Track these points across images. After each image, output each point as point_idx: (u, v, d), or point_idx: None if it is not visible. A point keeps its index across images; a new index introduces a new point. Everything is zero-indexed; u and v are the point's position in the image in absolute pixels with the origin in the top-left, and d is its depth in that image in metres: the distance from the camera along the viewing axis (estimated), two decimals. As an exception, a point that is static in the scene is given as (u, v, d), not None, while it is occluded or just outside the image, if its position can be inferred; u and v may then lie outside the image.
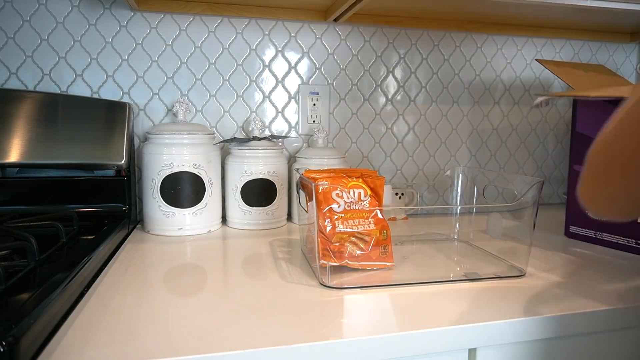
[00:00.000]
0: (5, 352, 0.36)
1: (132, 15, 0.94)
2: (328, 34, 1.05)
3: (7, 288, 0.50)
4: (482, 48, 1.15)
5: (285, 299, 0.55)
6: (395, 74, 1.10)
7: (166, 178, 0.85)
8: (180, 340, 0.45)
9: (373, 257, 0.65)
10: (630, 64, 1.27)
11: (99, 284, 0.60)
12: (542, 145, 1.23)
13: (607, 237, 0.80)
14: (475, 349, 0.52)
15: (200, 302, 0.54)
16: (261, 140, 0.93)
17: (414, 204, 1.06)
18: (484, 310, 0.53)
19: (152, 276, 0.63)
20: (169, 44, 0.97)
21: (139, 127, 0.97)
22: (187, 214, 0.86)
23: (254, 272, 0.65)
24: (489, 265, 0.70)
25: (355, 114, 1.09)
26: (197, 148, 0.87)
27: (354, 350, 0.46)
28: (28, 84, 0.92)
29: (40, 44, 0.91)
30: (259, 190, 0.91)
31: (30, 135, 0.82)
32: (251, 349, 0.43)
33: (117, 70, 0.95)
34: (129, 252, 0.75)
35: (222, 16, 0.99)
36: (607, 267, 0.70)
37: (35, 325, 0.41)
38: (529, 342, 0.54)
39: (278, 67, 1.03)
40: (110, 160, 0.85)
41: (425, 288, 0.60)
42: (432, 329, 0.48)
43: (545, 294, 0.58)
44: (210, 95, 1.00)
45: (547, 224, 1.00)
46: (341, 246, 0.63)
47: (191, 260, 0.72)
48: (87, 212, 0.86)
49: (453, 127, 1.15)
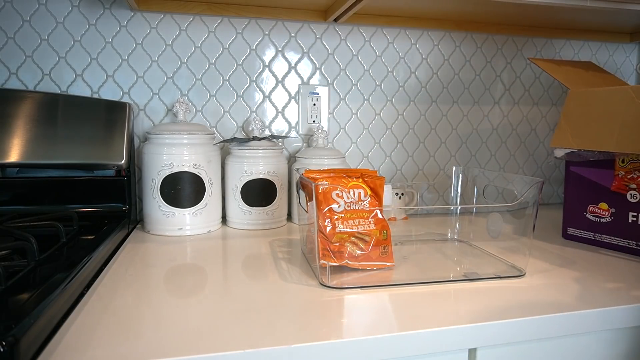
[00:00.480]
0: (5, 352, 0.36)
1: (132, 15, 0.94)
2: (328, 34, 1.05)
3: (7, 288, 0.50)
4: (482, 48, 1.15)
5: (285, 299, 0.55)
6: (395, 74, 1.10)
7: (166, 178, 0.85)
8: (180, 340, 0.45)
9: (373, 257, 0.65)
10: (630, 64, 1.27)
11: (99, 284, 0.60)
12: (542, 145, 1.23)
13: (606, 239, 0.80)
14: (475, 349, 0.52)
15: (200, 302, 0.54)
16: (261, 140, 0.93)
17: (414, 204, 1.06)
18: (484, 310, 0.53)
19: (152, 276, 0.63)
20: (169, 44, 0.97)
21: (139, 127, 0.97)
22: (187, 214, 0.86)
23: (254, 272, 0.65)
24: (489, 266, 0.70)
25: (355, 114, 1.09)
26: (197, 148, 0.87)
27: (354, 350, 0.46)
28: (28, 84, 0.92)
29: (40, 44, 0.91)
30: (259, 190, 0.91)
31: (30, 135, 0.82)
32: (251, 349, 0.43)
33: (117, 70, 0.95)
34: (129, 252, 0.75)
35: (222, 16, 0.99)
36: (607, 267, 0.70)
37: (35, 325, 0.41)
38: (529, 342, 0.54)
39: (278, 67, 1.03)
40: (110, 160, 0.85)
41: (425, 288, 0.60)
42: (432, 329, 0.48)
43: (545, 294, 0.58)
44: (210, 95, 1.00)
45: (547, 224, 1.00)
46: (341, 246, 0.63)
47: (191, 260, 0.72)
48: (87, 212, 0.86)
49: (453, 127, 1.15)
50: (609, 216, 0.80)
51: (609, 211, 0.80)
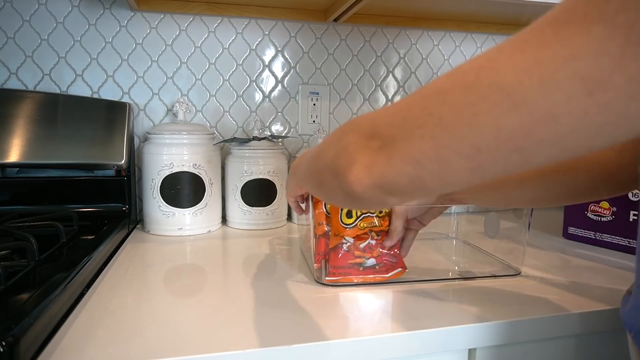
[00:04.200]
0: (5, 352, 0.36)
1: (132, 15, 0.94)
2: (328, 34, 1.05)
3: (7, 288, 0.50)
4: (482, 48, 1.14)
5: (285, 299, 0.55)
6: (395, 74, 1.10)
7: (166, 178, 0.85)
8: (180, 340, 0.45)
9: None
10: (630, 63, 1.27)
11: (99, 284, 0.60)
12: (542, 145, 1.23)
13: (607, 238, 0.80)
14: (475, 349, 0.52)
15: (200, 302, 0.54)
16: (261, 140, 0.93)
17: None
18: (480, 309, 0.53)
19: (152, 276, 0.63)
20: (169, 44, 0.97)
21: (139, 127, 0.97)
22: (187, 214, 0.86)
23: (254, 272, 0.65)
24: (485, 265, 0.70)
25: (355, 114, 1.09)
26: (197, 148, 0.87)
27: (354, 350, 0.46)
28: (28, 84, 0.92)
29: (40, 44, 0.91)
30: (259, 190, 0.91)
31: (30, 135, 0.82)
32: (251, 349, 0.43)
33: (117, 70, 0.95)
34: (129, 252, 0.75)
35: (222, 16, 0.99)
36: (605, 267, 0.70)
37: (35, 325, 0.41)
38: (529, 342, 0.54)
39: (278, 67, 1.03)
40: (110, 160, 0.85)
41: (422, 286, 0.60)
42: (432, 329, 0.48)
43: (539, 294, 0.58)
44: (210, 95, 1.00)
45: (548, 224, 1.00)
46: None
47: (191, 260, 0.72)
48: (87, 212, 0.86)
49: (453, 127, 1.15)
50: (610, 215, 0.80)
51: (610, 210, 0.80)
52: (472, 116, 0.25)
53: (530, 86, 0.23)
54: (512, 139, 0.24)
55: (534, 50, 0.23)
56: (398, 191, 0.29)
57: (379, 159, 0.29)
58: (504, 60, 0.24)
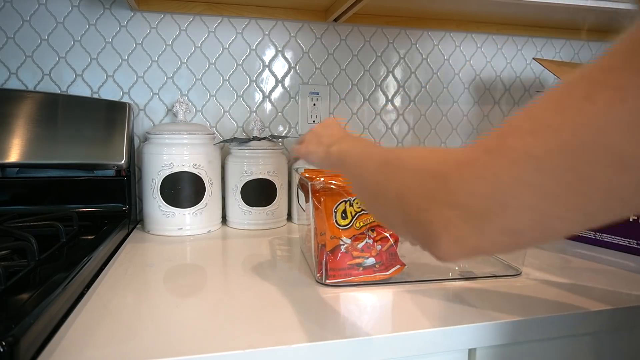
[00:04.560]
0: (5, 352, 0.36)
1: (132, 15, 0.94)
2: (328, 34, 1.05)
3: (7, 288, 0.50)
4: (482, 48, 1.14)
5: (285, 299, 0.55)
6: (395, 74, 1.10)
7: (166, 178, 0.85)
8: (180, 340, 0.45)
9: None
10: (630, 64, 1.27)
11: (99, 284, 0.60)
12: (542, 145, 1.23)
13: (607, 238, 0.80)
14: (475, 349, 0.52)
15: (200, 302, 0.54)
16: (261, 140, 0.93)
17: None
18: (480, 309, 0.53)
19: (152, 276, 0.63)
20: (169, 44, 0.97)
21: (139, 127, 0.97)
22: (187, 214, 0.86)
23: (254, 272, 0.65)
24: (486, 265, 0.70)
25: (355, 114, 1.09)
26: (197, 148, 0.87)
27: (354, 350, 0.46)
28: (28, 84, 0.92)
29: (40, 44, 0.91)
30: (259, 190, 0.91)
31: (30, 135, 0.82)
32: (251, 349, 0.43)
33: (117, 70, 0.95)
34: (129, 252, 0.75)
35: (222, 16, 0.99)
36: (605, 267, 0.70)
37: (35, 325, 0.41)
38: (529, 342, 0.54)
39: (278, 67, 1.03)
40: (110, 160, 0.85)
41: (423, 286, 0.60)
42: (432, 329, 0.48)
43: (539, 294, 0.58)
44: (210, 95, 1.00)
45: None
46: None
47: (191, 260, 0.72)
48: (87, 212, 0.86)
49: (453, 127, 1.15)
50: (609, 216, 0.80)
51: (609, 211, 0.80)
52: (578, 182, 0.23)
53: (638, 143, 0.21)
54: (624, 198, 0.23)
55: (635, 99, 0.21)
56: (492, 254, 0.29)
57: (469, 232, 0.27)
58: (601, 113, 0.22)
